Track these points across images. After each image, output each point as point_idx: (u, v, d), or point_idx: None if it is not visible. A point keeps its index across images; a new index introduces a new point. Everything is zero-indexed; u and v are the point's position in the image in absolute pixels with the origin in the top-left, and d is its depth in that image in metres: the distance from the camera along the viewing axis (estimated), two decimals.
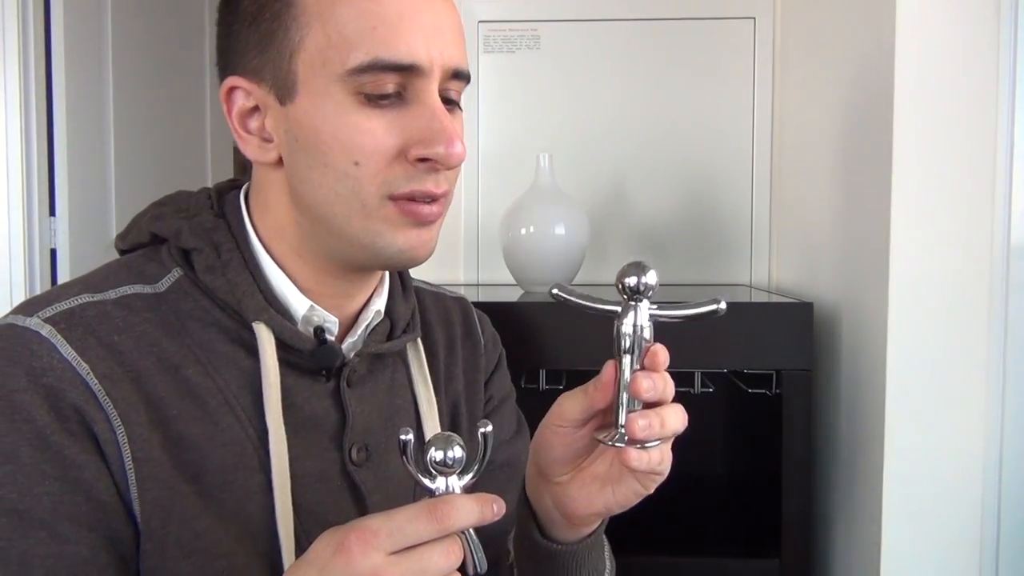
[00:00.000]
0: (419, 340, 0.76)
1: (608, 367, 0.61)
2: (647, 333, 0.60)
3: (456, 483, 0.54)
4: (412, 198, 0.62)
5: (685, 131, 1.60)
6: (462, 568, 0.53)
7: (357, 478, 0.68)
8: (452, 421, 0.79)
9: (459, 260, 1.64)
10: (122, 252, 0.70)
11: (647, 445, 0.59)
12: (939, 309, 1.04)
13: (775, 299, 1.32)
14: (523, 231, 1.36)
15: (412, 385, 0.75)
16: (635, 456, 0.59)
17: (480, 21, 1.61)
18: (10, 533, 0.56)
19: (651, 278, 0.60)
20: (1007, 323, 1.02)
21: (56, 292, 0.63)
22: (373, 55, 0.59)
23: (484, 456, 0.55)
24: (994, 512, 1.04)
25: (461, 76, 0.64)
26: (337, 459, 0.68)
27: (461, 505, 0.52)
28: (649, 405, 0.61)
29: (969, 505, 1.04)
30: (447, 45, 0.62)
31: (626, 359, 0.60)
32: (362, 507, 0.68)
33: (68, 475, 0.57)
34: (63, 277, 1.91)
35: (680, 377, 1.25)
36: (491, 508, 0.53)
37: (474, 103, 1.61)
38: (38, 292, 1.39)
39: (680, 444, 0.62)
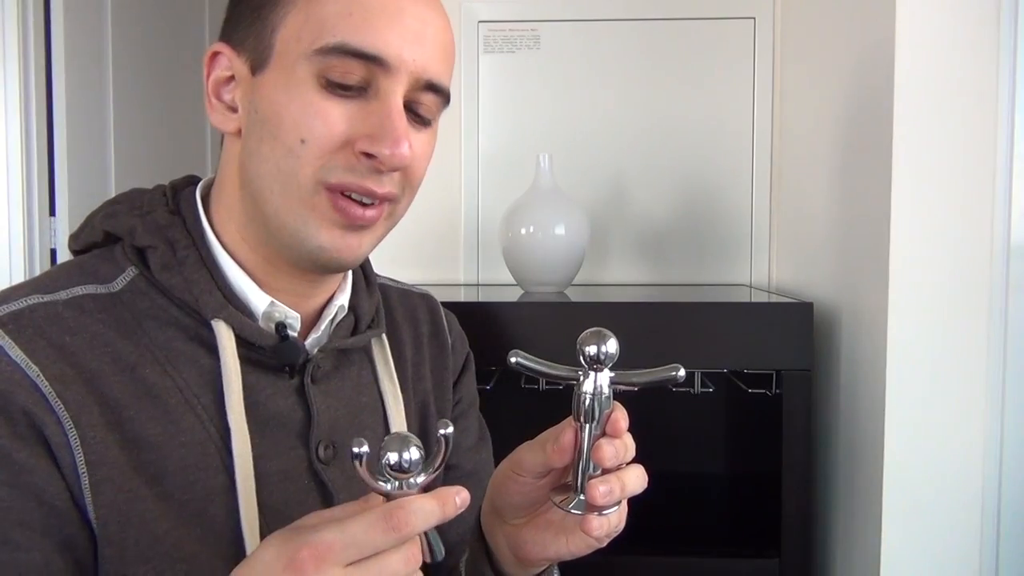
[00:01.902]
0: (384, 337, 0.75)
1: (568, 432, 0.60)
2: (607, 399, 0.60)
3: (414, 482, 0.51)
4: (347, 191, 0.62)
5: (685, 131, 1.60)
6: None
7: (325, 476, 0.67)
8: (421, 421, 0.78)
9: (459, 260, 1.64)
10: (76, 252, 0.69)
11: (605, 512, 0.59)
12: (939, 309, 1.04)
13: (775, 299, 1.32)
14: (523, 231, 1.36)
15: (378, 382, 0.74)
16: (596, 525, 0.59)
17: (480, 21, 1.61)
18: None
19: (611, 346, 0.59)
20: (1007, 323, 1.02)
21: (5, 293, 0.62)
22: (341, 38, 0.59)
23: (443, 458, 0.52)
24: (994, 512, 1.04)
25: (437, 91, 0.64)
26: (304, 457, 0.67)
27: (418, 508, 0.49)
28: (608, 468, 0.60)
29: (969, 505, 1.04)
30: (424, 54, 0.62)
31: (586, 426, 0.60)
32: (330, 506, 0.67)
33: (18, 480, 0.56)
34: None
35: None
36: (453, 504, 0.51)
37: (474, 103, 1.61)
38: None
39: (680, 444, 0.62)
